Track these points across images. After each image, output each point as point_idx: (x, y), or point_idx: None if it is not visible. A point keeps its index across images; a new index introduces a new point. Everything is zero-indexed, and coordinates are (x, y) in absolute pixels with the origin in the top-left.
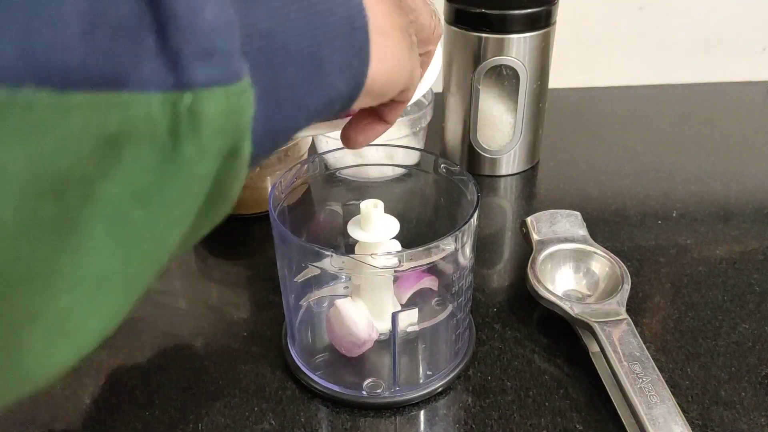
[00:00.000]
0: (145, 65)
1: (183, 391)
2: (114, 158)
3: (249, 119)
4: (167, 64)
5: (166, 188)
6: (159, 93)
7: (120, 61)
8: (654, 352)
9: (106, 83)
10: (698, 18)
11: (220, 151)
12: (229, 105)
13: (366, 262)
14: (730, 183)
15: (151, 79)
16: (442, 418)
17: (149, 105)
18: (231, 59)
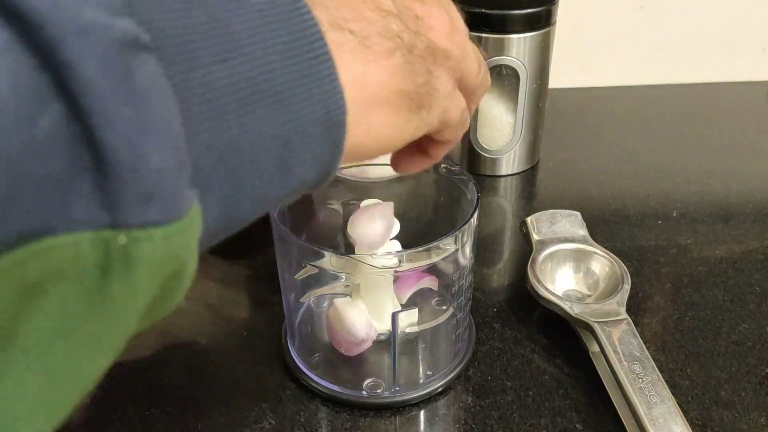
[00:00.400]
0: (77, 207)
1: (182, 390)
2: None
3: (194, 249)
4: (103, 203)
5: (91, 323)
6: (91, 232)
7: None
8: (654, 352)
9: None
10: (698, 18)
11: (156, 284)
12: (168, 245)
13: (366, 262)
14: (730, 183)
15: (83, 219)
16: (442, 418)
17: (78, 245)
18: (174, 201)
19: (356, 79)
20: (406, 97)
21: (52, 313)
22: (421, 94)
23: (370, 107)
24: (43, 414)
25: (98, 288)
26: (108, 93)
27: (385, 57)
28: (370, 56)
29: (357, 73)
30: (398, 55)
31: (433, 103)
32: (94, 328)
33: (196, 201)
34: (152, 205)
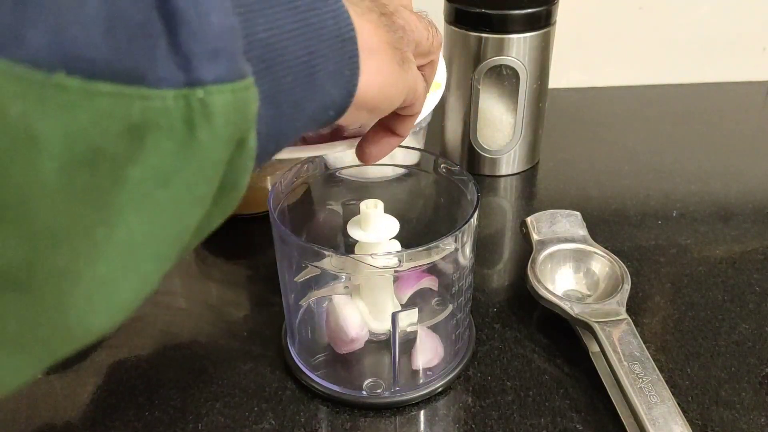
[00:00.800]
0: (159, 65)
1: (183, 390)
2: (138, 144)
3: (254, 112)
4: (179, 63)
5: (184, 171)
6: (173, 89)
7: (137, 61)
8: (654, 352)
9: (126, 78)
10: (698, 18)
11: (231, 140)
12: (236, 99)
13: (366, 262)
14: (730, 183)
15: (165, 77)
16: (442, 418)
17: (165, 100)
18: (235, 59)
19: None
20: (393, 48)
21: (152, 163)
22: (401, 50)
23: (370, 52)
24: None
25: (186, 139)
26: None
27: (367, 13)
28: (358, 11)
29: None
30: (375, 15)
31: (408, 65)
32: (187, 177)
33: (251, 73)
34: (218, 62)
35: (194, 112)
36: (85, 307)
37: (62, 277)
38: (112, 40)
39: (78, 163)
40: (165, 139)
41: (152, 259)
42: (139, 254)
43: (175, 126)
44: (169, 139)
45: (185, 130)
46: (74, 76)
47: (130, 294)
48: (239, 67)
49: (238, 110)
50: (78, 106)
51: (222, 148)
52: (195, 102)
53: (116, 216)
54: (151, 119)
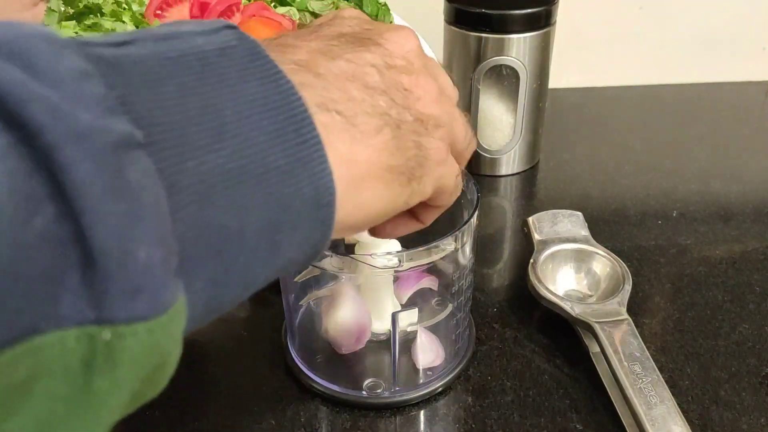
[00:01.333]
0: (64, 303)
1: (182, 390)
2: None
3: (178, 340)
4: (89, 300)
5: (74, 418)
6: (76, 328)
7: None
8: (654, 352)
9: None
10: (698, 18)
11: (139, 377)
12: (152, 339)
13: (366, 262)
14: (730, 183)
15: (69, 315)
16: (442, 418)
17: (65, 342)
18: (159, 295)
19: (345, 159)
20: (396, 172)
21: (36, 411)
22: (411, 166)
23: (359, 184)
24: None
25: (82, 384)
26: (100, 193)
27: (372, 135)
28: (358, 135)
29: (345, 153)
30: (386, 132)
31: (425, 173)
32: (78, 422)
33: (181, 292)
34: (138, 300)
35: (96, 355)
36: None
37: None
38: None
39: None
40: (56, 383)
41: None
42: None
43: (71, 369)
44: (62, 383)
45: (82, 375)
46: None
47: None
48: (163, 301)
49: (153, 349)
50: None
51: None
52: (100, 345)
53: None
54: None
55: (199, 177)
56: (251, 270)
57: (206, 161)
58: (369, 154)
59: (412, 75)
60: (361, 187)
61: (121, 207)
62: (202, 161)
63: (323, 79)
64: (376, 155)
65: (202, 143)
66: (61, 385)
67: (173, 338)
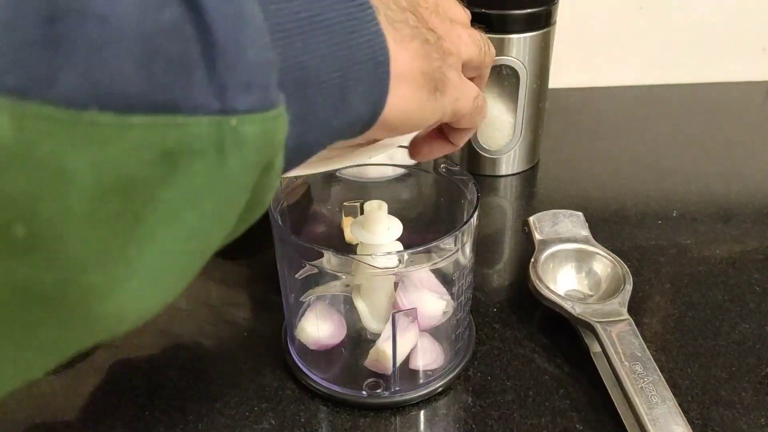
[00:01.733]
0: (195, 93)
1: (183, 390)
2: (171, 169)
3: (282, 140)
4: (215, 93)
5: (214, 194)
6: (207, 116)
7: (174, 91)
8: (654, 351)
9: (161, 108)
10: (698, 18)
11: (259, 165)
12: (266, 128)
13: (366, 262)
14: (730, 183)
15: (201, 104)
16: (442, 418)
17: (200, 126)
18: (268, 91)
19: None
20: (427, 77)
21: (183, 186)
22: (437, 78)
23: (398, 80)
24: (175, 276)
25: (217, 164)
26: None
27: (408, 41)
28: (398, 37)
29: (389, 48)
30: (417, 42)
31: (446, 88)
32: (216, 199)
33: (283, 101)
34: (252, 93)
35: (226, 139)
36: (114, 319)
37: (93, 295)
38: (147, 74)
39: (109, 192)
40: (197, 163)
41: (179, 273)
42: (168, 270)
43: (207, 151)
44: (202, 163)
45: (217, 156)
46: (107, 111)
47: (155, 304)
48: (271, 98)
49: (267, 138)
50: (110, 140)
51: (250, 174)
52: (227, 129)
53: (147, 236)
54: (185, 145)
55: (280, 18)
56: (327, 113)
57: (284, 7)
58: (406, 56)
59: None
60: (400, 83)
61: (232, 9)
62: (281, 6)
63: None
64: (410, 58)
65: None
66: (201, 165)
67: (279, 137)
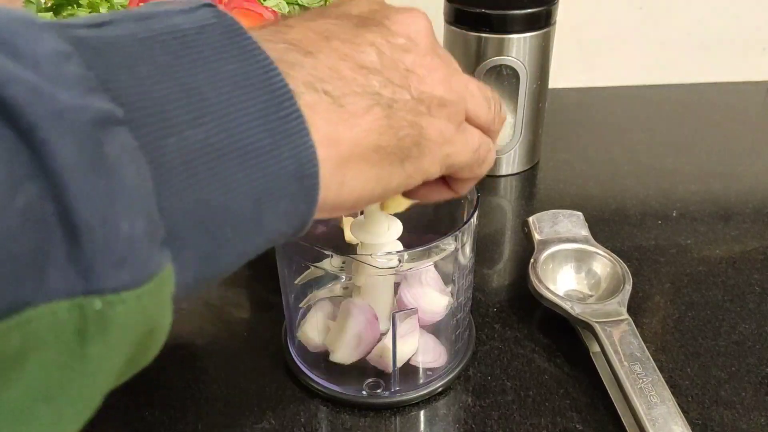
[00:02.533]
0: (53, 277)
1: (183, 391)
2: (17, 368)
3: (167, 304)
4: (78, 272)
5: (71, 386)
6: (67, 300)
7: (21, 290)
8: (654, 352)
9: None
10: (698, 18)
11: (131, 342)
12: (140, 305)
13: (366, 262)
14: (730, 183)
15: (59, 288)
16: (442, 418)
17: (56, 313)
18: (145, 264)
19: (329, 138)
20: (384, 152)
21: (33, 380)
22: (406, 146)
23: (344, 165)
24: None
25: (76, 352)
26: (82, 168)
27: (360, 115)
28: (345, 115)
29: (329, 133)
30: (376, 111)
31: (424, 152)
32: (74, 389)
33: (168, 261)
34: (124, 269)
35: (88, 324)
36: None
37: None
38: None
39: None
40: (50, 355)
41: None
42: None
43: (64, 339)
44: (57, 354)
45: (76, 344)
46: None
47: None
48: (149, 269)
49: (143, 314)
50: None
51: (120, 355)
52: (90, 313)
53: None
54: (36, 339)
55: (181, 152)
56: (238, 243)
57: (187, 137)
58: (354, 134)
59: (416, 55)
60: (347, 167)
61: (102, 181)
62: (184, 137)
63: (313, 58)
64: (362, 135)
65: (182, 119)
66: (56, 354)
67: (162, 305)
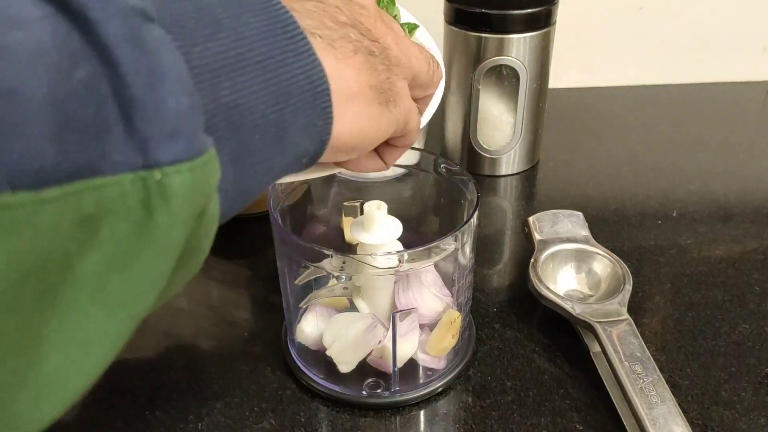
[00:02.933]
0: (115, 151)
1: (183, 391)
2: (91, 234)
3: (214, 186)
4: (136, 146)
5: (141, 255)
6: (130, 173)
7: (90, 153)
8: (654, 352)
9: (78, 174)
10: (698, 18)
11: (190, 216)
12: (194, 177)
13: (366, 262)
14: (730, 183)
15: (121, 161)
16: (442, 418)
17: (122, 184)
18: (193, 138)
19: (331, 74)
20: (376, 91)
21: (106, 248)
22: (386, 89)
23: (346, 99)
24: (103, 347)
25: (143, 222)
26: (130, 47)
27: (350, 56)
28: (339, 55)
29: (331, 68)
30: (360, 55)
31: (398, 99)
32: (144, 260)
33: (212, 145)
34: (177, 142)
35: (152, 194)
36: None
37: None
38: (61, 143)
39: (23, 278)
40: (121, 224)
41: (106, 345)
42: (93, 343)
43: (132, 210)
44: (126, 223)
45: (143, 213)
46: (20, 190)
47: (80, 383)
48: (197, 144)
49: (197, 187)
50: (24, 222)
51: (181, 227)
52: (152, 184)
53: (68, 309)
54: (107, 206)
55: (205, 60)
56: (266, 150)
57: (209, 47)
58: (350, 72)
59: (370, 18)
60: (349, 101)
61: (148, 60)
62: (206, 47)
63: (298, 12)
64: (356, 73)
65: (202, 33)
66: (125, 225)
67: (210, 183)
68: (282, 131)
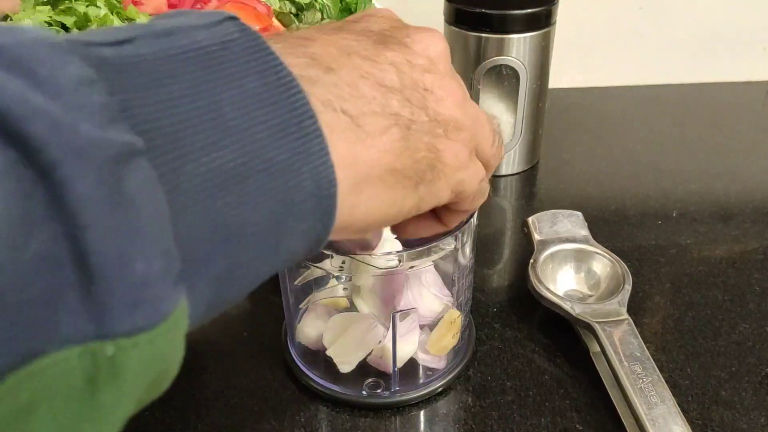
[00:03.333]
0: (64, 322)
1: (183, 391)
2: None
3: (179, 345)
4: (90, 316)
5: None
6: (78, 346)
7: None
8: (654, 352)
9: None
10: (698, 18)
11: (143, 385)
12: (154, 348)
13: (366, 262)
14: (730, 183)
15: (70, 333)
16: (442, 418)
17: (67, 361)
18: (159, 305)
19: (346, 158)
20: (401, 175)
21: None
22: (421, 169)
23: (360, 185)
24: None
25: (87, 400)
26: (101, 207)
27: (377, 135)
28: (362, 135)
29: (347, 153)
30: (394, 132)
31: (437, 177)
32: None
33: (183, 298)
34: (138, 312)
35: (100, 370)
36: None
37: None
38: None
39: None
40: (60, 403)
41: None
42: None
43: (74, 388)
44: (66, 402)
45: (87, 392)
46: None
47: None
48: (164, 308)
49: (156, 356)
50: None
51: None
52: (102, 360)
53: None
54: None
55: (200, 179)
56: (255, 264)
57: (206, 162)
58: (371, 155)
59: (435, 75)
60: (363, 187)
61: (120, 221)
62: (202, 163)
63: (334, 75)
64: (378, 156)
65: (202, 144)
66: (66, 404)
67: (175, 344)
68: (276, 243)
